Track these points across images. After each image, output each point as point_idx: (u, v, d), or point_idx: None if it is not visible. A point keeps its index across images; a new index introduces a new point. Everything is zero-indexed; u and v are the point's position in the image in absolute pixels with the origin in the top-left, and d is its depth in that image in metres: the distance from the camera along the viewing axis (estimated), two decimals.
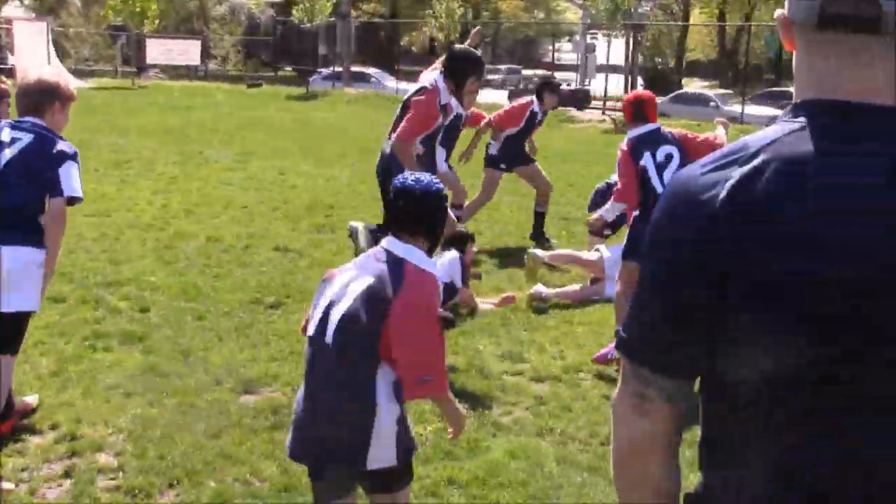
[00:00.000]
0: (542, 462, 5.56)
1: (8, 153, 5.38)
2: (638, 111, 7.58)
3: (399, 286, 3.77)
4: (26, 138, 5.44)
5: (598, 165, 17.66)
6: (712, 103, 36.95)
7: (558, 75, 53.49)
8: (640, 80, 55.89)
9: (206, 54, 50.28)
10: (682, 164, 7.34)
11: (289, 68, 53.44)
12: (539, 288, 9.10)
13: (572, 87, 40.38)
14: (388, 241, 3.96)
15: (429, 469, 5.41)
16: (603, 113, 33.54)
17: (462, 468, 5.42)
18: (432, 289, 3.94)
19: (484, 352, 7.47)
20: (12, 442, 5.60)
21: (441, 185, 4.06)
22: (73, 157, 5.50)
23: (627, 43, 56.33)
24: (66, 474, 5.27)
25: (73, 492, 5.07)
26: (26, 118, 5.52)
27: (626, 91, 53.13)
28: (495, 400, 6.53)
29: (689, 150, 7.44)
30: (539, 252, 9.56)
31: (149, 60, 44.79)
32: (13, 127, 5.51)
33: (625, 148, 7.47)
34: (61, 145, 5.48)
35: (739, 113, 34.62)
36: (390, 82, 43.44)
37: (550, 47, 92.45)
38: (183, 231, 11.44)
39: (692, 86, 62.79)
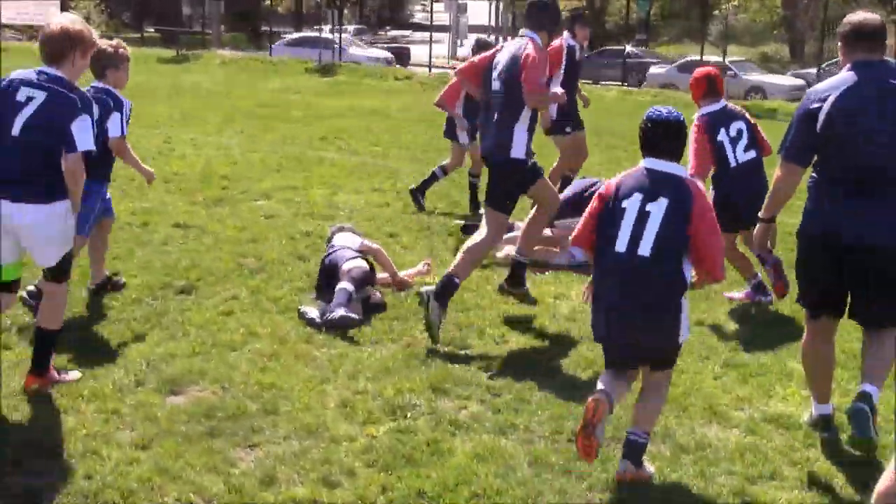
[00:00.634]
0: (512, 465, 5.08)
1: (24, 113, 5.57)
2: (711, 87, 7.89)
3: (690, 198, 4.95)
4: (40, 96, 5.60)
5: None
6: (730, 72, 32.92)
7: (425, 34, 52.97)
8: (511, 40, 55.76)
9: (65, 6, 48.11)
10: (750, 140, 7.80)
11: (151, 29, 51.79)
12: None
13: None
14: (653, 163, 5.09)
15: (391, 478, 4.89)
16: None
17: (429, 476, 4.91)
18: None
19: (422, 338, 6.94)
20: None
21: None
22: (86, 108, 5.65)
23: (497, 2, 56.16)
24: None
25: None
26: (44, 70, 5.68)
27: None
28: (446, 393, 6.01)
29: (755, 130, 7.95)
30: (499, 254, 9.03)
31: (3, 20, 42.53)
32: (28, 84, 5.64)
33: (698, 124, 7.72)
34: (75, 98, 5.63)
35: (759, 82, 34.18)
36: (356, 49, 41.64)
37: (419, 6, 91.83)
38: None
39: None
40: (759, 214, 5.84)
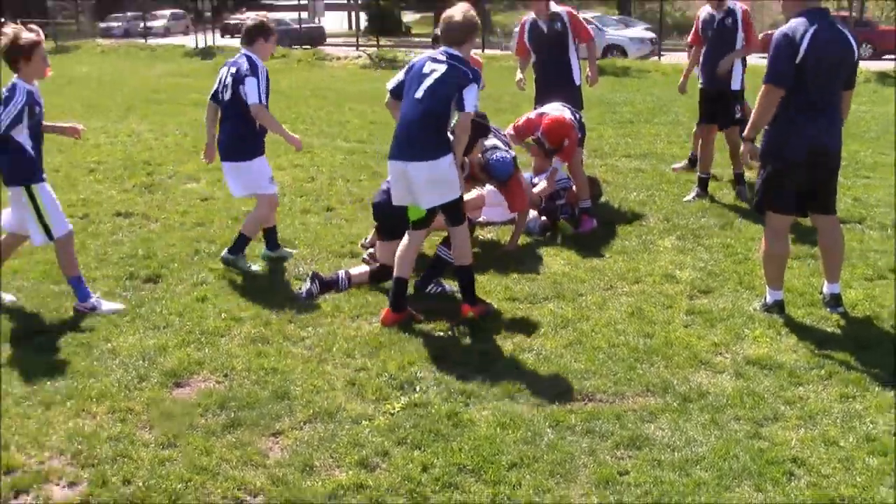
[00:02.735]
0: (537, 431, 4.78)
1: (427, 82, 6.08)
2: None
3: None
4: (440, 68, 6.09)
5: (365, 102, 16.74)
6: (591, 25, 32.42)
7: (280, 16, 51.35)
8: (363, 16, 54.82)
9: None
10: None
11: (15, 22, 49.05)
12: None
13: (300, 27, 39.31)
14: None
15: (427, 455, 4.54)
16: (357, 49, 32.47)
17: (461, 450, 4.58)
18: None
19: None
20: None
21: None
22: (476, 79, 6.05)
23: None
24: None
25: None
26: (446, 49, 6.19)
27: (350, 27, 51.76)
28: (443, 362, 5.68)
29: None
30: None
31: None
32: (433, 60, 6.18)
33: None
34: (468, 72, 6.05)
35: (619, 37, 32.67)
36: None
37: None
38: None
39: (407, 17, 62.03)
40: (744, 134, 6.44)
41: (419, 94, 6.07)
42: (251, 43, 7.39)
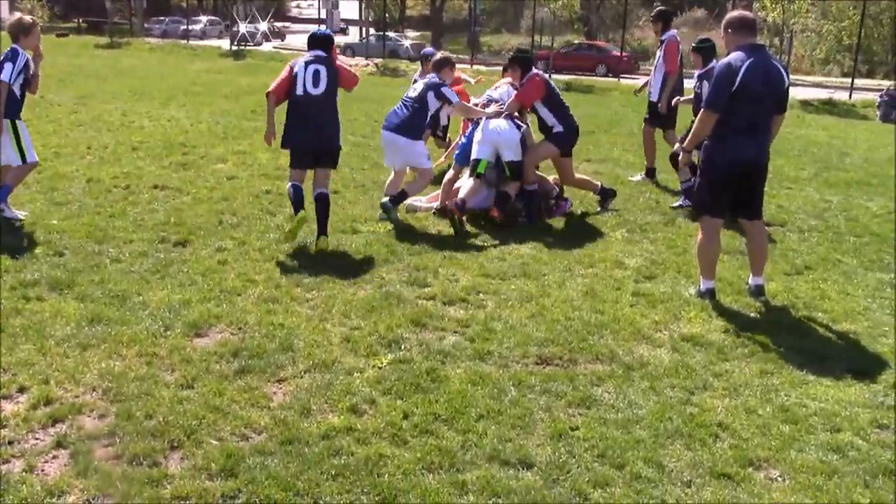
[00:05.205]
0: (502, 388, 4.68)
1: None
2: None
3: None
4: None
5: (369, 102, 16.52)
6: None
7: (302, 26, 50.36)
8: (372, 31, 54.32)
9: (12, 7, 44.66)
10: None
11: (78, 20, 48.68)
12: (412, 202, 8.29)
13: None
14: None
15: (408, 405, 4.43)
16: (367, 59, 32.12)
17: (437, 401, 4.47)
18: None
19: (389, 279, 6.45)
20: None
21: None
22: None
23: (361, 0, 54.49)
24: (59, 444, 3.96)
25: (77, 466, 3.78)
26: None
27: (360, 40, 51.52)
28: (425, 327, 5.56)
29: None
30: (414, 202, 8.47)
31: None
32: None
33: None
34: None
35: None
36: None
37: (294, 3, 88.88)
38: (60, 172, 9.60)
39: (410, 36, 61.51)
40: (684, 146, 6.61)
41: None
42: (439, 70, 8.13)
